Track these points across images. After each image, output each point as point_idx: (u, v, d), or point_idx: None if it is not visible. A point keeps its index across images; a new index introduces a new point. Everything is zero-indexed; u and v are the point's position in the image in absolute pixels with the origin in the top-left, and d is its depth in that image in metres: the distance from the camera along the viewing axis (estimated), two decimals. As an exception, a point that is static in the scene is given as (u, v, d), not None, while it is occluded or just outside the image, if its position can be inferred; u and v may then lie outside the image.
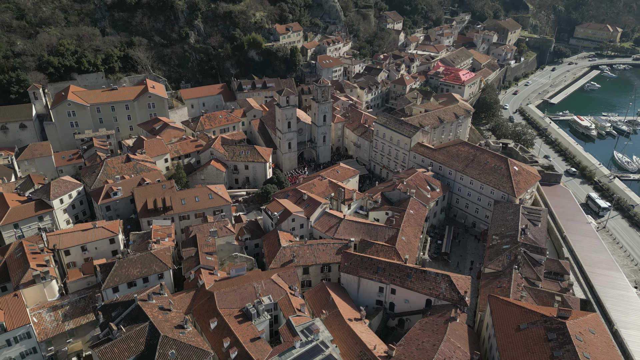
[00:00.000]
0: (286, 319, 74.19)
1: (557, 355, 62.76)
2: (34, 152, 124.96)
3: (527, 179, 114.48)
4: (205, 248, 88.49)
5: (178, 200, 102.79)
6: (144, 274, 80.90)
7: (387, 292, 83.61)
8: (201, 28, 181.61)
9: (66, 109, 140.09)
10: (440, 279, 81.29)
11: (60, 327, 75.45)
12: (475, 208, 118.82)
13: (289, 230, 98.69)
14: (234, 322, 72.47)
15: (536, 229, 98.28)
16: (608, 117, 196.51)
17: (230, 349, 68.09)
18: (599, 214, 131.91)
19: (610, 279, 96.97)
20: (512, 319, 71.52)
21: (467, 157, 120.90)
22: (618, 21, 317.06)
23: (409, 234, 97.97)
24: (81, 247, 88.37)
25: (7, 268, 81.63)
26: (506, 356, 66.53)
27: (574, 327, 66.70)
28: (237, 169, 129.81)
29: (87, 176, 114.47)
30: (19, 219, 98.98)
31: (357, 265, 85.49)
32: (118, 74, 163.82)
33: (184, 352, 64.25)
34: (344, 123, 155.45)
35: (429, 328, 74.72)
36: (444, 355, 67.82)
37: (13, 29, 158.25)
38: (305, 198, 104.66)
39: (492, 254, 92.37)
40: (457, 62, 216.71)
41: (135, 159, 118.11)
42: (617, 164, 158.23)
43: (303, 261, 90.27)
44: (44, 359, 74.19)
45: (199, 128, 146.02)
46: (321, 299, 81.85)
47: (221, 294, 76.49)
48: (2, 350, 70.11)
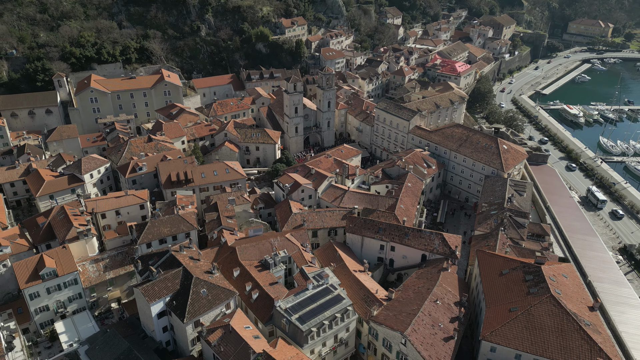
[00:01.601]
0: (299, 268, 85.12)
1: (533, 292, 73.60)
2: (62, 134, 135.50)
3: (515, 156, 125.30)
4: (226, 212, 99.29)
5: (198, 173, 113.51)
6: (173, 232, 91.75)
7: (387, 250, 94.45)
8: (211, 22, 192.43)
9: (89, 95, 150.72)
10: (434, 236, 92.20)
11: (102, 276, 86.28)
12: (468, 184, 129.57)
13: (298, 200, 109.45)
14: (254, 271, 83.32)
15: (521, 198, 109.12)
16: (596, 106, 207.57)
17: (252, 291, 79.15)
18: (598, 206, 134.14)
19: (588, 242, 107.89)
20: (496, 266, 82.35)
21: (461, 137, 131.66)
22: (610, 17, 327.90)
23: (407, 203, 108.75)
24: (115, 212, 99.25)
25: (52, 228, 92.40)
26: (490, 295, 77.38)
27: (549, 271, 77.56)
28: (248, 150, 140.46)
29: (112, 154, 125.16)
30: (54, 191, 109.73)
31: (360, 226, 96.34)
32: (134, 64, 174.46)
33: (213, 291, 75.01)
34: (346, 110, 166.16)
35: (424, 276, 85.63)
36: (436, 296, 78.63)
37: (37, 22, 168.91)
38: (313, 172, 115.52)
39: (482, 219, 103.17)
40: (454, 55, 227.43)
41: (156, 139, 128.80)
42: (602, 148, 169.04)
43: (312, 225, 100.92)
44: (88, 304, 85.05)
45: (212, 114, 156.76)
46: (329, 255, 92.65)
47: (242, 248, 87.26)
48: (54, 294, 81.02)
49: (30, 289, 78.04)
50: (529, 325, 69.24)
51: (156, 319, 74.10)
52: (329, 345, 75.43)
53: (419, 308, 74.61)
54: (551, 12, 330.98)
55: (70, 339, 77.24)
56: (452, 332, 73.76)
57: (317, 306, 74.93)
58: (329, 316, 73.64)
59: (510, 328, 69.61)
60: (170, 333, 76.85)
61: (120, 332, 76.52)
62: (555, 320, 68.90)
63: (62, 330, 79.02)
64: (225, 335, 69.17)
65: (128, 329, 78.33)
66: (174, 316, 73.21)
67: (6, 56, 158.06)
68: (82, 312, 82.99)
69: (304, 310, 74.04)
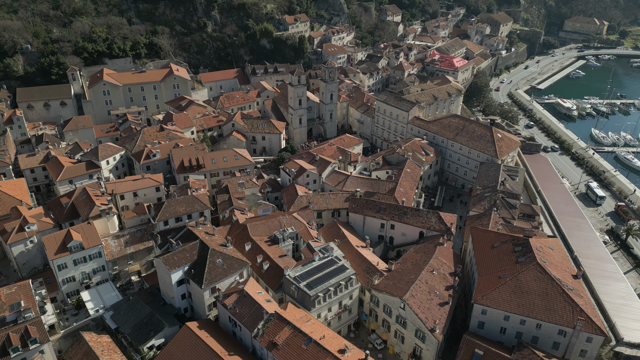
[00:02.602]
0: (306, 242, 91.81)
1: (520, 261, 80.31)
2: (77, 124, 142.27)
3: (509, 144, 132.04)
4: (236, 194, 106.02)
5: (209, 159, 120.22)
6: (188, 211, 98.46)
7: (387, 228, 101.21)
8: (217, 18, 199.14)
9: (102, 88, 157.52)
10: (431, 215, 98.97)
11: (123, 251, 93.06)
12: (464, 171, 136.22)
13: (304, 185, 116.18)
14: (265, 245, 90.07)
15: (514, 182, 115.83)
16: (589, 100, 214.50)
17: (263, 262, 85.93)
18: (597, 202, 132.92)
19: (576, 223, 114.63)
20: (488, 241, 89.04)
21: (457, 127, 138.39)
22: (605, 15, 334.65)
23: (405, 186, 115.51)
24: (133, 193, 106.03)
25: (75, 207, 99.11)
26: (482, 265, 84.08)
27: (536, 243, 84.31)
28: (255, 140, 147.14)
29: (127, 143, 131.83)
30: (73, 176, 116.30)
31: (362, 206, 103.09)
32: (144, 59, 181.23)
33: (228, 261, 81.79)
34: (348, 102, 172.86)
35: (421, 250, 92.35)
36: (432, 267, 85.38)
37: (50, 18, 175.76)
38: (317, 159, 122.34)
39: (476, 200, 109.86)
40: (452, 51, 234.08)
41: (168, 129, 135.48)
42: (594, 139, 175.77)
43: (317, 207, 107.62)
44: (110, 276, 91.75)
45: (219, 106, 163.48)
46: (333, 232, 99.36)
47: (253, 225, 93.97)
48: (79, 265, 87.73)
49: (59, 260, 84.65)
50: (517, 290, 75.93)
51: (176, 287, 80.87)
52: (334, 311, 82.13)
53: (417, 277, 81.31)
54: (547, 10, 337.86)
55: (95, 306, 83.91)
56: (447, 298, 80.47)
57: (323, 275, 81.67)
58: (334, 283, 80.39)
59: (499, 292, 76.27)
60: (188, 300, 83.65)
61: (142, 300, 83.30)
62: (541, 285, 75.60)
63: (87, 298, 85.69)
64: (240, 299, 75.87)
65: (149, 297, 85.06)
66: (193, 284, 79.97)
67: (21, 51, 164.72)
68: (105, 283, 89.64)
69: (311, 278, 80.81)
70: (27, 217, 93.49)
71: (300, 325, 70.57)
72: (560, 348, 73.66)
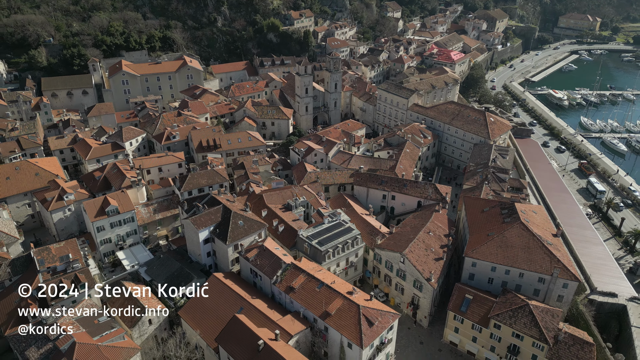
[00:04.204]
0: (316, 209, 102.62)
1: (506, 221, 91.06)
2: (100, 110, 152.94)
3: (501, 127, 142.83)
4: (251, 170, 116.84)
5: (225, 140, 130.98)
6: (209, 183, 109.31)
7: (389, 198, 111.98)
8: (227, 14, 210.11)
9: (121, 78, 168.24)
10: (428, 186, 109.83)
11: (152, 217, 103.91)
12: (460, 153, 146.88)
13: (312, 163, 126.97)
14: (279, 211, 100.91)
15: (504, 160, 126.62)
16: (579, 91, 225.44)
17: (278, 225, 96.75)
18: (596, 196, 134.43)
19: (562, 197, 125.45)
20: (479, 206, 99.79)
21: (453, 112, 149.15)
22: (599, 12, 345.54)
23: (405, 164, 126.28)
24: (158, 169, 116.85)
25: (107, 180, 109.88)
26: (473, 227, 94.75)
27: (521, 207, 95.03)
28: (264, 125, 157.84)
29: (147, 126, 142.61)
30: (100, 156, 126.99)
31: (366, 179, 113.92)
32: (158, 52, 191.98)
33: (248, 222, 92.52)
34: (351, 92, 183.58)
35: (419, 216, 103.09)
36: (429, 229, 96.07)
37: (70, 13, 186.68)
38: (324, 140, 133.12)
39: (469, 175, 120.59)
40: (450, 45, 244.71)
41: (185, 114, 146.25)
42: (582, 126, 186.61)
43: (325, 182, 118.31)
44: (141, 239, 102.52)
45: (230, 95, 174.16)
46: (339, 202, 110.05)
47: (268, 195, 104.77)
48: (115, 228, 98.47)
49: (97, 223, 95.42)
50: (502, 245, 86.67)
51: (202, 245, 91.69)
52: (342, 266, 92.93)
53: (415, 237, 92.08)
54: (542, 7, 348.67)
55: (130, 263, 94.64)
56: (441, 254, 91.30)
57: (332, 234, 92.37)
58: (342, 241, 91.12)
59: (487, 247, 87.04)
60: (212, 258, 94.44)
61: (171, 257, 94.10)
62: (523, 240, 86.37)
63: (123, 257, 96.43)
64: (260, 252, 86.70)
65: (177, 256, 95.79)
66: (218, 241, 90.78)
67: (44, 43, 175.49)
68: (137, 245, 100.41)
69: (321, 237, 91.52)
70: (65, 188, 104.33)
71: (314, 273, 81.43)
72: (540, 294, 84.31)
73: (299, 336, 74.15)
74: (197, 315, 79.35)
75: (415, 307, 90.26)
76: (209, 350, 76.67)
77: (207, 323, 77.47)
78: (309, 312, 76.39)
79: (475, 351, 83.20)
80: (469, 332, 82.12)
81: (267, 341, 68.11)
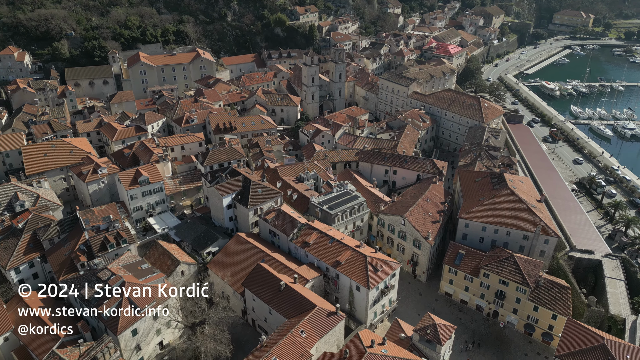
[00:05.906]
0: (325, 181, 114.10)
1: (496, 188, 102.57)
2: (122, 98, 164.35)
3: (494, 112, 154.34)
4: (266, 148, 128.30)
5: (239, 123, 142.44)
6: (229, 159, 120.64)
7: (391, 173, 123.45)
8: (236, 9, 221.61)
9: (139, 68, 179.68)
10: (426, 161, 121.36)
11: (178, 188, 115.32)
12: (456, 136, 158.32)
13: (320, 144, 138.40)
14: (293, 182, 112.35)
15: (496, 140, 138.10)
16: (571, 82, 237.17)
17: (292, 193, 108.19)
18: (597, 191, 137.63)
19: (549, 174, 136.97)
20: (472, 177, 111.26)
21: (450, 98, 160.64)
22: (592, 9, 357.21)
23: (406, 144, 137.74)
24: (181, 147, 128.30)
25: (136, 156, 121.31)
26: (466, 194, 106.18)
27: (509, 177, 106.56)
28: (274, 112, 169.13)
29: (166, 111, 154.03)
30: (125, 137, 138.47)
31: (370, 156, 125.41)
32: (172, 45, 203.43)
33: (265, 190, 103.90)
34: (354, 82, 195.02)
35: (418, 187, 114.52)
36: (427, 197, 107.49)
37: (89, 8, 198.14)
38: (330, 123, 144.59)
39: (464, 153, 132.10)
40: (448, 40, 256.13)
41: (201, 100, 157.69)
42: (572, 114, 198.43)
43: (332, 159, 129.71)
44: (168, 208, 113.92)
45: (241, 84, 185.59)
46: (346, 177, 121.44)
47: (282, 168, 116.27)
48: (146, 197, 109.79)
49: (131, 191, 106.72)
50: (492, 208, 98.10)
51: (225, 210, 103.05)
52: (349, 229, 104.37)
53: (414, 203, 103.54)
54: (538, 4, 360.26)
55: (161, 227, 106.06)
56: (438, 217, 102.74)
57: (341, 201, 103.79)
58: (350, 207, 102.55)
59: (478, 210, 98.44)
60: (234, 222, 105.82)
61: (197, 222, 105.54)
62: (510, 203, 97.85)
63: (153, 222, 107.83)
64: (278, 215, 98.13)
65: (202, 221, 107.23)
66: (239, 206, 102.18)
67: (66, 36, 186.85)
68: (165, 212, 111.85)
69: (331, 203, 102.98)
70: (99, 162, 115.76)
71: (326, 231, 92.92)
72: (524, 251, 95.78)
73: (314, 281, 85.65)
74: (224, 267, 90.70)
75: (414, 263, 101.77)
76: (234, 296, 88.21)
77: (233, 273, 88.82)
78: (322, 262, 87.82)
79: (467, 299, 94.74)
80: (462, 282, 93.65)
81: (288, 283, 79.66)
